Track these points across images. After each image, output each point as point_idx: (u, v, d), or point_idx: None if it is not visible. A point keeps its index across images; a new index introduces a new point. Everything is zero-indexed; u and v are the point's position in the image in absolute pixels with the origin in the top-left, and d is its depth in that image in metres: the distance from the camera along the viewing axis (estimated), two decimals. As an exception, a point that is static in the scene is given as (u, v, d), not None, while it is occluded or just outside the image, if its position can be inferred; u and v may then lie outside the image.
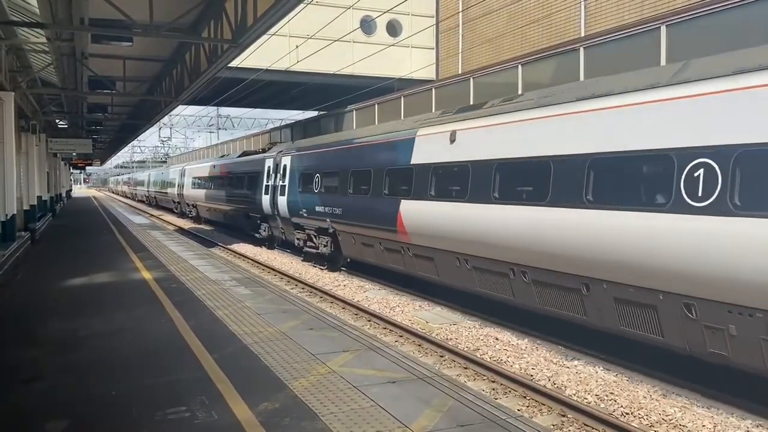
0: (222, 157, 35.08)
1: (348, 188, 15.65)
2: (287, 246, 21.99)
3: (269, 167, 21.77)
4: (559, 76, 16.02)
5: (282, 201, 20.10)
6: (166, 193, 46.19)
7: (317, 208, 17.26)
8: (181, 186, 39.83)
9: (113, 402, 5.48)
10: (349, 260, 17.43)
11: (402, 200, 12.97)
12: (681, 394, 7.84)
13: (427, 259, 12.64)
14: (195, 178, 35.44)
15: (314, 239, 18.17)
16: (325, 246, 17.48)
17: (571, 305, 9.03)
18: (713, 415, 7.20)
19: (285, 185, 19.96)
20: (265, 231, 23.20)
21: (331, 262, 17.74)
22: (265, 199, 21.70)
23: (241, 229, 26.89)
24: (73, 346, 7.28)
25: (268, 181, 21.66)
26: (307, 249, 18.72)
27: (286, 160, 20.28)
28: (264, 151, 24.71)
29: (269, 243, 23.52)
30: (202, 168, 34.41)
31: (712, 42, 11.67)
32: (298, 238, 19.52)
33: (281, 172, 20.45)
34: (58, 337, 7.72)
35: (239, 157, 27.80)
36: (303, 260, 19.40)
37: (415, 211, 12.52)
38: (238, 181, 25.62)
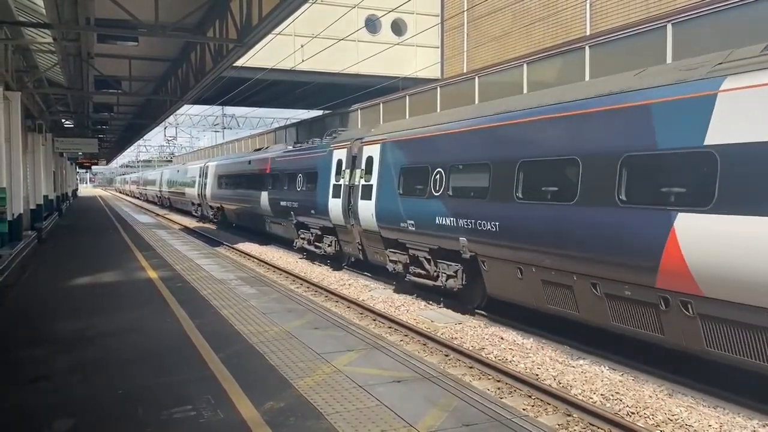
0: (258, 150, 29.07)
1: (515, 190, 10.05)
2: (364, 267, 16.73)
3: (339, 161, 16.61)
4: (565, 74, 15.98)
5: (366, 207, 14.77)
6: (183, 193, 40.76)
7: (442, 220, 11.89)
8: (202, 186, 34.65)
9: (119, 401, 5.49)
10: (488, 301, 11.76)
11: (680, 214, 7.36)
12: (687, 393, 7.80)
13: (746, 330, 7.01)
14: (222, 176, 30.25)
15: (427, 264, 12.71)
16: (452, 277, 11.97)
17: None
18: (719, 414, 7.17)
19: (371, 185, 14.65)
20: (330, 246, 17.58)
21: (464, 299, 12.27)
22: (334, 204, 16.59)
23: (290, 241, 21.37)
24: (78, 346, 7.31)
25: (338, 180, 16.52)
26: (413, 278, 13.22)
27: (373, 151, 14.83)
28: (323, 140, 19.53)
29: (334, 261, 18.09)
30: (233, 164, 29.01)
31: (718, 40, 11.62)
32: (394, 260, 13.95)
33: (362, 166, 15.20)
34: (64, 337, 7.75)
35: (291, 150, 21.73)
36: (395, 291, 14.41)
37: (724, 238, 6.90)
38: (286, 181, 20.74)
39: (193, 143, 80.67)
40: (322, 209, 17.30)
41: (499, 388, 8.15)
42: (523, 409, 7.24)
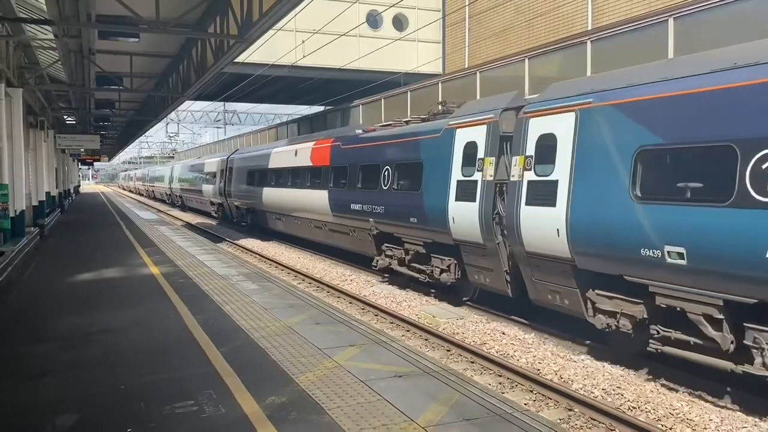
0: (304, 137, 23.04)
1: None
2: (546, 315, 10.54)
3: (470, 144, 11.31)
4: (566, 69, 15.95)
5: (542, 217, 9.31)
6: (200, 191, 35.55)
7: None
8: (225, 182, 29.39)
9: (122, 396, 5.52)
10: None
11: None
12: (688, 388, 7.81)
13: None
14: (254, 171, 24.99)
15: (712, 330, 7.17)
16: None
17: None
18: (720, 409, 7.19)
19: (554, 181, 9.20)
20: (446, 271, 12.15)
21: None
22: (461, 210, 11.35)
23: (358, 257, 16.98)
24: (81, 342, 7.34)
25: (467, 173, 11.29)
26: (669, 349, 7.83)
27: (555, 125, 9.36)
28: (434, 117, 13.61)
29: (447, 292, 12.87)
30: (268, 156, 23.47)
31: (721, 34, 11.58)
32: (610, 313, 8.54)
33: (529, 151, 9.71)
34: (67, 333, 7.78)
35: (365, 135, 16.44)
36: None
37: None
38: (359, 176, 15.64)
39: (195, 139, 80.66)
40: (432, 216, 12.19)
41: (500, 383, 8.16)
42: (525, 404, 7.25)
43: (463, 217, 11.30)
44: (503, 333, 10.37)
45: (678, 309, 7.45)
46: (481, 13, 25.43)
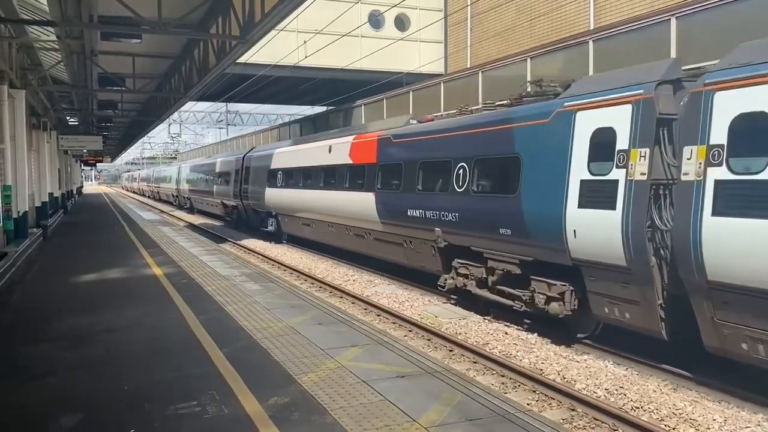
0: (340, 131, 19.80)
1: None
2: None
3: (607, 133, 8.61)
4: (569, 69, 15.93)
5: (758, 234, 6.59)
6: (211, 192, 33.07)
7: None
8: (241, 183, 26.57)
9: (125, 396, 5.53)
10: None
11: None
12: (691, 388, 7.80)
13: None
14: (277, 171, 22.14)
15: None
16: None
17: None
18: (724, 409, 7.17)
19: None
20: (557, 300, 9.47)
21: None
22: (590, 220, 8.71)
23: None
24: (85, 342, 7.35)
25: (599, 171, 8.68)
26: None
27: None
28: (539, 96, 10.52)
29: (557, 327, 9.88)
30: (294, 154, 20.94)
31: (723, 34, 11.56)
32: None
33: (721, 139, 7.07)
34: (70, 333, 7.79)
35: (431, 125, 13.56)
36: None
37: None
38: (420, 175, 13.10)
39: (197, 140, 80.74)
40: (536, 227, 9.53)
41: (503, 383, 8.16)
42: (528, 404, 7.25)
43: (593, 229, 8.50)
44: (506, 333, 10.37)
45: None
46: (482, 13, 25.42)
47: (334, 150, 17.51)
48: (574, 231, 8.75)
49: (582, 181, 8.78)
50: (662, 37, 13.17)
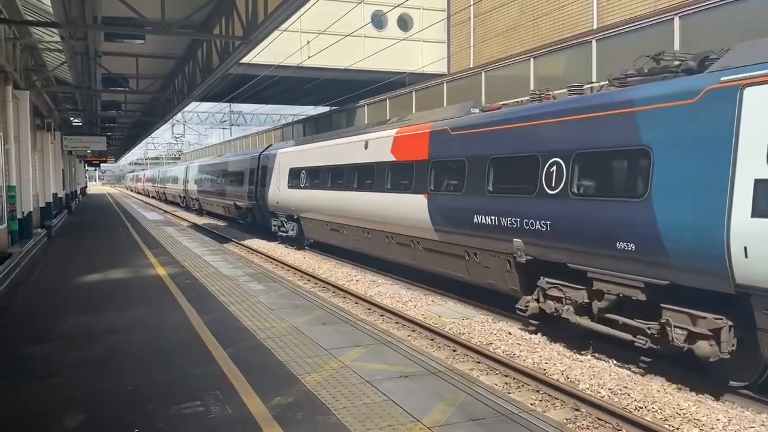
0: (378, 125, 17.03)
1: None
2: None
3: None
4: (572, 69, 15.92)
5: None
6: (222, 193, 31.12)
7: None
8: (260, 184, 24.31)
9: (129, 396, 5.54)
10: None
11: None
12: (695, 388, 7.78)
13: None
14: (304, 170, 19.77)
15: None
16: None
17: None
18: (728, 409, 7.15)
19: None
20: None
21: None
22: None
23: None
24: (88, 342, 7.37)
25: None
26: None
27: None
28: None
29: (740, 370, 7.58)
30: (323, 150, 18.62)
31: (726, 32, 11.54)
32: None
33: None
34: (74, 333, 7.81)
35: (518, 111, 10.79)
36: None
37: None
38: (491, 175, 10.95)
39: (201, 140, 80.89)
40: (679, 242, 7.44)
41: (506, 383, 8.15)
42: (531, 404, 7.24)
43: None
44: (509, 333, 10.36)
45: None
46: (485, 13, 25.41)
47: (371, 146, 15.27)
48: (745, 248, 6.60)
49: (758, 182, 6.58)
50: (665, 37, 13.15)
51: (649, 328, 7.95)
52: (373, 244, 15.54)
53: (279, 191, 21.98)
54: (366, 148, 15.59)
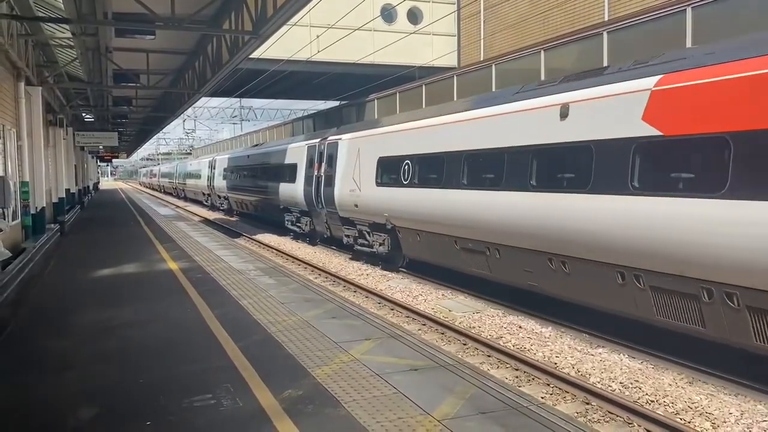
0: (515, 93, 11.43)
1: None
2: None
3: None
4: (583, 61, 15.81)
5: None
6: (264, 190, 25.69)
7: None
8: (320, 181, 19.19)
9: (141, 390, 5.59)
10: None
11: None
12: (707, 381, 7.75)
13: None
14: (415, 160, 14.10)
15: None
16: None
17: None
18: (740, 402, 7.11)
19: None
20: None
21: None
22: None
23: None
24: (102, 336, 7.44)
25: None
26: None
27: None
28: None
29: None
30: (456, 128, 12.68)
31: (738, 23, 11.41)
32: None
33: None
34: (88, 328, 7.89)
35: None
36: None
37: None
38: None
39: (212, 135, 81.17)
40: None
41: (517, 377, 8.15)
42: (542, 398, 7.24)
43: None
44: (520, 327, 10.35)
45: None
46: (496, 5, 25.28)
47: (583, 113, 9.29)
48: None
49: None
50: (678, 28, 13.02)
51: None
52: (581, 286, 9.58)
53: (359, 191, 16.45)
54: (565, 117, 9.61)
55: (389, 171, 15.26)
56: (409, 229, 14.50)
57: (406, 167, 14.33)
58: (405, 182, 14.34)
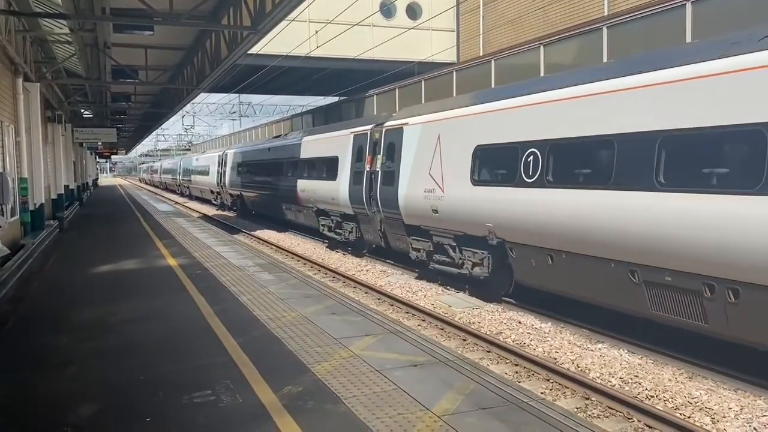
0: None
1: None
2: None
3: None
4: (582, 56, 15.79)
5: None
6: (292, 191, 21.30)
7: None
8: (376, 178, 15.28)
9: (141, 386, 5.58)
10: None
11: None
12: (707, 376, 7.75)
13: None
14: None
15: None
16: None
17: None
18: (740, 398, 7.11)
19: None
20: None
21: None
22: None
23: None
24: (101, 333, 7.43)
25: None
26: None
27: None
28: None
29: None
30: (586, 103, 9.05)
31: (738, 18, 11.38)
32: None
33: None
34: (87, 324, 7.88)
35: None
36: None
37: None
38: None
39: (211, 131, 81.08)
40: None
41: (516, 372, 8.15)
42: (541, 393, 7.24)
43: None
44: (519, 322, 10.35)
45: None
46: (495, 0, 25.22)
47: None
48: None
49: None
50: (677, 24, 12.99)
51: None
52: None
53: (440, 191, 12.38)
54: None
55: (495, 165, 11.28)
56: (532, 248, 10.32)
57: (531, 159, 10.12)
58: (528, 180, 10.13)
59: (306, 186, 20.20)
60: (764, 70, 6.70)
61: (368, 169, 15.81)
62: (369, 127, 16.24)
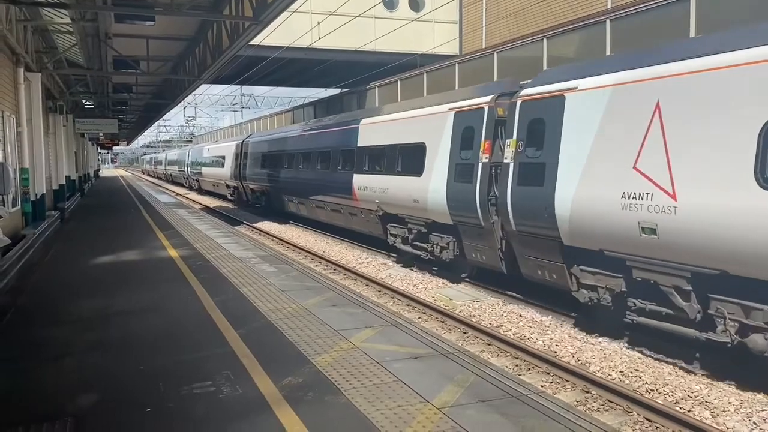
0: None
1: None
2: None
3: None
4: (585, 49, 15.71)
5: None
6: (345, 188, 17.02)
7: None
8: (519, 173, 10.09)
9: (141, 377, 5.59)
10: None
11: None
12: (707, 370, 7.74)
13: None
14: None
15: None
16: None
17: None
18: (740, 392, 7.12)
19: None
20: None
21: None
22: None
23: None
24: (101, 324, 7.43)
25: None
26: None
27: None
28: None
29: None
30: None
31: (743, 11, 11.31)
32: None
33: None
34: (87, 315, 7.88)
35: None
36: None
37: None
38: None
39: (212, 123, 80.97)
40: None
41: (517, 365, 8.16)
42: (541, 386, 7.25)
43: None
44: (520, 315, 10.35)
45: None
46: (498, -7, 25.09)
47: None
48: None
49: None
50: (682, 16, 12.91)
51: None
52: None
53: (668, 199, 7.49)
54: None
55: None
56: None
57: None
58: None
59: (367, 182, 15.78)
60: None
61: (485, 161, 11.31)
62: (485, 99, 11.53)
